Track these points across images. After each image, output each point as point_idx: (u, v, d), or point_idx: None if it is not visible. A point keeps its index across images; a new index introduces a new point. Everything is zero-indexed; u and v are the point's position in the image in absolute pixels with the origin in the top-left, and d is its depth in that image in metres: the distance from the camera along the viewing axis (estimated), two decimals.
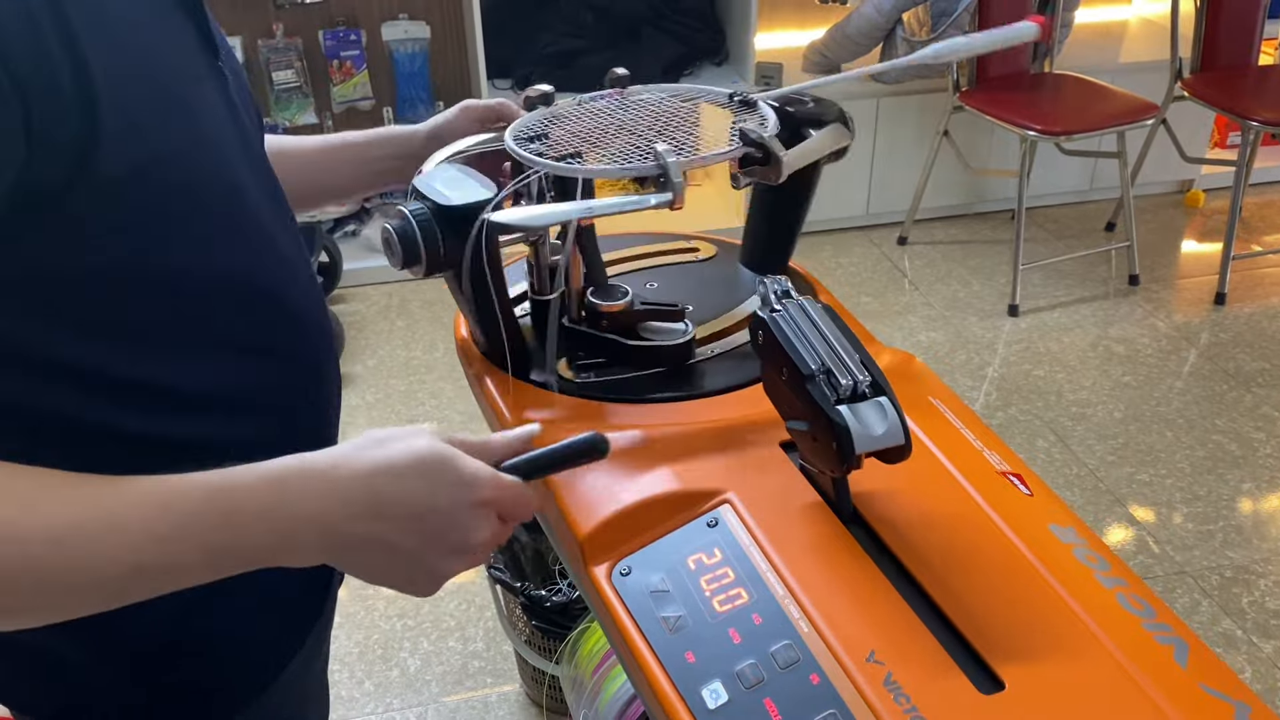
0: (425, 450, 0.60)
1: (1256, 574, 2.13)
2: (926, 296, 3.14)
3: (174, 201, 0.60)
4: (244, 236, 0.68)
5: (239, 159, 0.67)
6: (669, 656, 0.72)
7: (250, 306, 0.69)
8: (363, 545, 0.59)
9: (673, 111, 0.99)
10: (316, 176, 0.92)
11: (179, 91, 0.62)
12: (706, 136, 0.93)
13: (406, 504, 0.59)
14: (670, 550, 0.79)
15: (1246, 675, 1.91)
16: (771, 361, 0.81)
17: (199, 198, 0.62)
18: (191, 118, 0.62)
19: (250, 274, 0.69)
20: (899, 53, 3.12)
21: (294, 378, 0.74)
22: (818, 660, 0.69)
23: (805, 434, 0.78)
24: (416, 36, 3.21)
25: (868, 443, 0.73)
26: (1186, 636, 0.71)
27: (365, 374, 2.77)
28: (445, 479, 0.60)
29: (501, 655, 1.97)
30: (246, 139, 0.70)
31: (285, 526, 0.56)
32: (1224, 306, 3.07)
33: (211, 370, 0.68)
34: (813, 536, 0.78)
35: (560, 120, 0.98)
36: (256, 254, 0.70)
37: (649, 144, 0.89)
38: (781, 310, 0.82)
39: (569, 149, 0.91)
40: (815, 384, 0.75)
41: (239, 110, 0.70)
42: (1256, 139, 2.97)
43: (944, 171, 3.35)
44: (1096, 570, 0.76)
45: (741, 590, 0.74)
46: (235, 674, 0.79)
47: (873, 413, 0.74)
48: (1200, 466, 2.43)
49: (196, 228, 0.63)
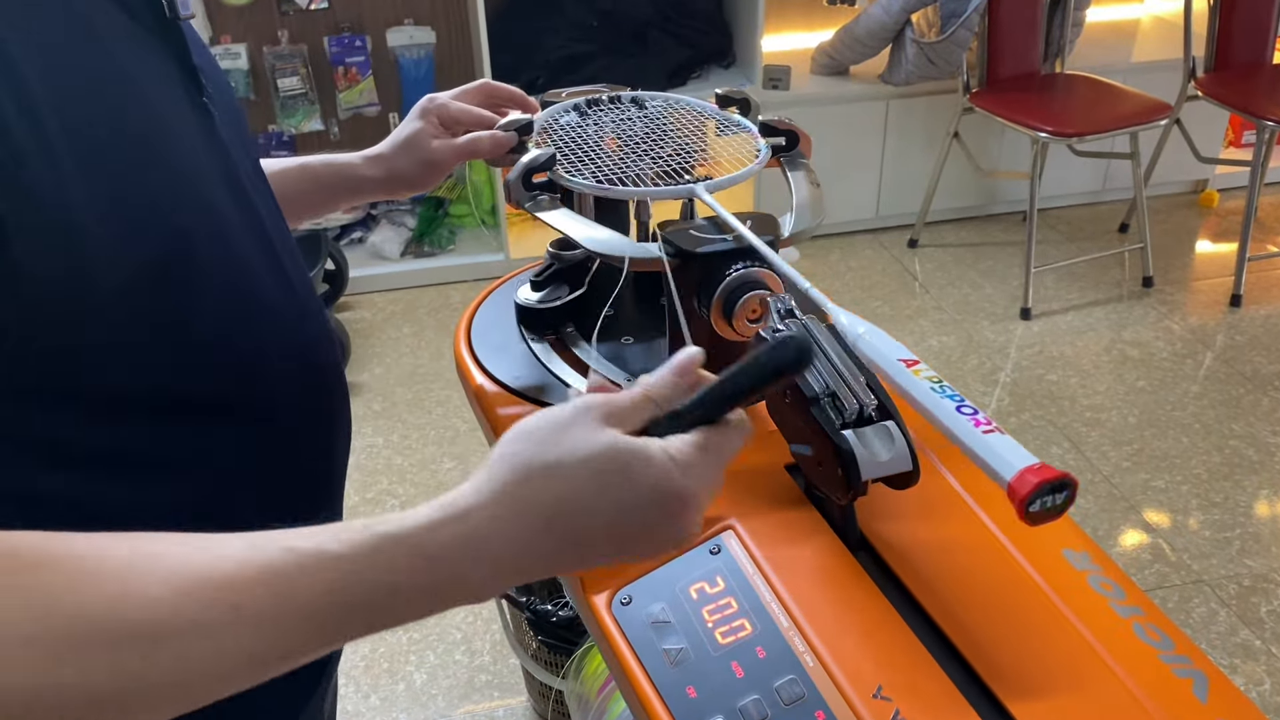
0: (608, 451, 0.50)
1: (1275, 582, 2.09)
2: (937, 300, 3.11)
3: (138, 247, 0.55)
4: (229, 285, 0.63)
5: (222, 200, 0.63)
6: (670, 691, 0.69)
7: (227, 368, 0.64)
8: (556, 557, 0.51)
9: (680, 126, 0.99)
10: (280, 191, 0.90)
11: (146, 133, 0.56)
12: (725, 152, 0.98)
13: (613, 512, 0.51)
14: (672, 578, 0.77)
15: (1266, 687, 1.88)
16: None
17: (168, 244, 0.57)
18: (161, 161, 0.57)
19: (233, 331, 0.64)
20: (908, 54, 3.09)
21: (279, 442, 0.69)
22: (823, 696, 0.66)
23: (810, 459, 0.76)
24: (422, 42, 3.19)
25: (874, 469, 0.71)
26: (1207, 669, 0.69)
27: (372, 382, 2.75)
28: (651, 477, 0.51)
29: (508, 669, 1.95)
30: (232, 178, 0.65)
31: (456, 590, 0.50)
32: (1240, 308, 3.03)
33: (185, 431, 0.62)
34: (818, 564, 0.76)
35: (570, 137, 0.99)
36: (243, 305, 0.64)
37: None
38: (784, 330, 0.79)
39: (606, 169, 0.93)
40: (820, 407, 0.73)
41: (228, 149, 0.65)
42: (1271, 138, 2.93)
43: (954, 173, 3.32)
44: (1112, 599, 0.73)
45: (745, 621, 0.72)
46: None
47: (879, 438, 0.72)
48: (1217, 472, 2.40)
49: (162, 277, 0.57)
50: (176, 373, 0.60)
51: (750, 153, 0.97)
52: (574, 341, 1.04)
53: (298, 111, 3.15)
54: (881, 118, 3.25)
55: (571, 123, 1.01)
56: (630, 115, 1.04)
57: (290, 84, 3.12)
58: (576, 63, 3.08)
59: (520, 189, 0.89)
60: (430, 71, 3.23)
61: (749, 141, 1.00)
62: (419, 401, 2.68)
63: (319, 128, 3.20)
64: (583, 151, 0.96)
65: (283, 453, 0.70)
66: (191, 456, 0.61)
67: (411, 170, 0.95)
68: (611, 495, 0.51)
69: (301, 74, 3.12)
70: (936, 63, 3.06)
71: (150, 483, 0.59)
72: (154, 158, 0.57)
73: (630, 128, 1.01)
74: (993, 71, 3.11)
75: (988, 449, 0.60)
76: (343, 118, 3.22)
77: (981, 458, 0.60)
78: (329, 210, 0.98)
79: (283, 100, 3.13)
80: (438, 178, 0.96)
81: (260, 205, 0.69)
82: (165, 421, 0.60)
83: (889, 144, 3.30)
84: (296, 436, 0.71)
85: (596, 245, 0.86)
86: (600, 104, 1.04)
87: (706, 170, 0.96)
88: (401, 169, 0.95)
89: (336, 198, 0.97)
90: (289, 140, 3.21)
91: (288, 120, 3.15)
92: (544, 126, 1.00)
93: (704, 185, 0.90)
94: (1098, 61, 3.32)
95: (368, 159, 0.96)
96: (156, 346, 0.57)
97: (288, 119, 3.15)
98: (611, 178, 0.91)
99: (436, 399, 2.69)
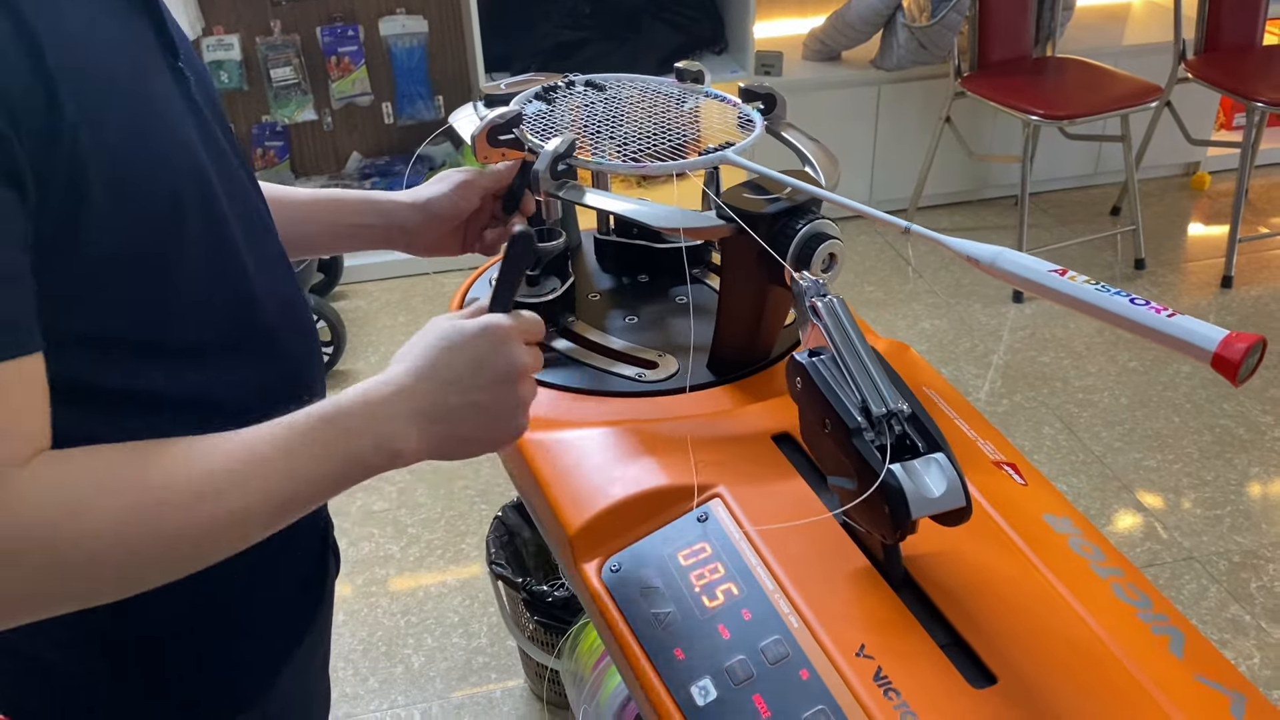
0: (444, 329, 0.71)
1: (1265, 559, 2.11)
2: (930, 284, 3.12)
3: (144, 192, 0.61)
4: (216, 237, 0.67)
5: (204, 161, 0.67)
6: (659, 654, 0.71)
7: (219, 306, 0.69)
8: (454, 411, 0.69)
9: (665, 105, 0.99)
10: (295, 226, 0.91)
11: (139, 88, 0.61)
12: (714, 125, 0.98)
13: (460, 365, 0.69)
14: (660, 546, 0.78)
15: (1255, 661, 1.90)
16: (812, 411, 0.74)
17: (168, 187, 0.63)
18: (154, 112, 0.62)
19: (225, 280, 0.69)
20: (899, 39, 3.10)
21: (266, 378, 0.74)
22: (807, 655, 0.68)
23: (851, 493, 0.70)
24: (414, 31, 3.19)
25: (924, 506, 0.66)
26: (1183, 627, 0.70)
27: (367, 370, 2.76)
28: (468, 333, 0.70)
29: (505, 651, 1.96)
30: (210, 138, 0.69)
31: (388, 428, 0.66)
32: (1231, 289, 3.05)
33: (192, 371, 0.67)
34: (803, 530, 0.77)
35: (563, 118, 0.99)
36: (231, 257, 0.69)
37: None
38: (820, 359, 0.74)
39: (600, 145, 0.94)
40: (863, 439, 0.68)
41: (201, 110, 0.69)
42: (1262, 120, 2.94)
43: (946, 158, 3.33)
44: (1092, 560, 0.75)
45: (731, 585, 0.74)
46: (235, 674, 0.79)
47: (929, 471, 0.67)
48: (1208, 451, 2.41)
49: (168, 222, 0.63)
50: (171, 320, 0.65)
51: (736, 119, 0.98)
52: (571, 326, 1.05)
53: (291, 102, 3.16)
54: (873, 103, 3.26)
55: (540, 111, 1.01)
56: (593, 99, 1.04)
57: (283, 74, 3.12)
58: (568, 50, 3.09)
59: (549, 178, 0.89)
60: (423, 61, 3.23)
61: (729, 110, 1.01)
62: None
63: (312, 118, 3.20)
64: (589, 133, 0.96)
65: (275, 387, 0.74)
66: (194, 396, 0.68)
67: (443, 196, 0.97)
68: (461, 342, 0.71)
69: (294, 64, 3.12)
70: (928, 47, 3.07)
71: (159, 420, 0.63)
72: (151, 115, 0.62)
73: (616, 109, 1.02)
74: (984, 55, 3.12)
75: (1180, 329, 0.61)
76: (336, 107, 3.23)
77: (1177, 338, 0.61)
78: (348, 238, 1.00)
79: (276, 91, 3.13)
80: (465, 208, 0.98)
81: (236, 167, 0.73)
82: (165, 364, 0.66)
83: (881, 129, 3.31)
84: (289, 371, 0.77)
85: (650, 218, 0.86)
86: (558, 90, 1.05)
87: (701, 141, 0.97)
88: (432, 192, 0.97)
89: (361, 241, 0.99)
90: (282, 130, 3.22)
91: (281, 110, 3.16)
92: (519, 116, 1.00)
93: (733, 150, 0.91)
94: (1089, 44, 3.33)
95: (402, 196, 0.99)
96: (150, 297, 0.63)
97: (281, 109, 3.15)
98: (637, 155, 0.91)
99: None
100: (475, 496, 2.33)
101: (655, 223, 0.86)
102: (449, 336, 0.70)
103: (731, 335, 0.95)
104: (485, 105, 1.01)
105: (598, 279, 1.14)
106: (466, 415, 0.70)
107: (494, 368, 0.70)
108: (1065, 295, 0.65)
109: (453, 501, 2.32)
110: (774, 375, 0.97)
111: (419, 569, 2.16)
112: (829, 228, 0.84)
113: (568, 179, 0.91)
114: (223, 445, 0.61)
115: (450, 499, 2.32)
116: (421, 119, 3.29)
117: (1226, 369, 0.58)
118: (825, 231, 0.83)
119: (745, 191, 0.87)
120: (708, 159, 0.91)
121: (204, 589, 0.64)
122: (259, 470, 0.61)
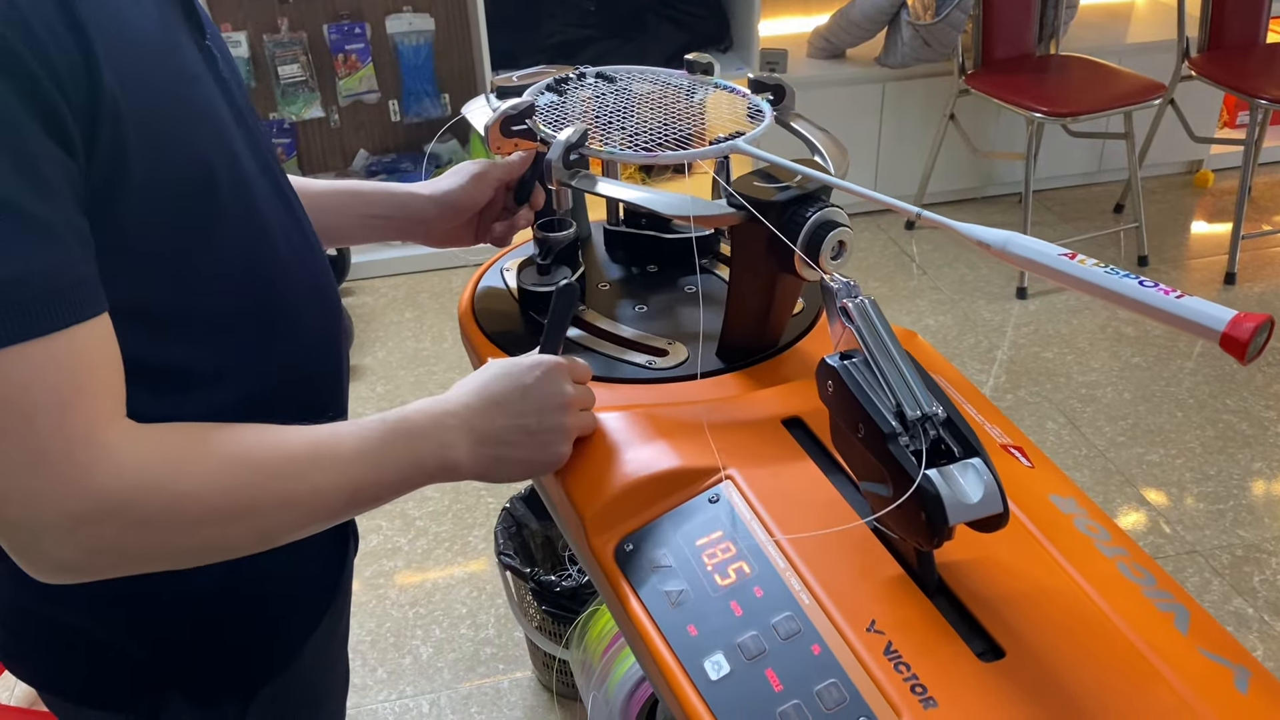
0: (501, 363, 0.80)
1: (1267, 552, 2.12)
2: (934, 280, 3.13)
3: (179, 158, 0.62)
4: (245, 210, 0.69)
5: (234, 134, 0.68)
6: (671, 630, 0.72)
7: (244, 279, 0.70)
8: (500, 432, 0.76)
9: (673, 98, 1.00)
10: (313, 215, 0.93)
11: (172, 59, 0.63)
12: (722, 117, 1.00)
13: (509, 389, 0.78)
14: (672, 526, 0.80)
15: (1259, 653, 1.91)
16: (844, 416, 0.73)
17: (203, 159, 0.65)
18: (186, 80, 0.64)
19: (252, 254, 0.70)
20: (903, 37, 3.11)
21: (289, 356, 0.75)
22: (819, 631, 0.69)
23: (885, 499, 0.69)
24: (421, 29, 3.21)
25: (961, 512, 0.65)
26: (1187, 603, 0.71)
27: (375, 365, 2.78)
28: (520, 367, 0.79)
29: (513, 641, 1.98)
30: (238, 113, 0.71)
31: (448, 437, 0.73)
32: (1234, 286, 3.06)
33: (214, 346, 0.69)
34: (812, 508, 0.78)
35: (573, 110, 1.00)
36: (259, 231, 0.71)
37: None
38: (852, 362, 0.73)
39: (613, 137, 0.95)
40: (898, 444, 0.67)
41: (230, 86, 0.71)
42: (1265, 118, 2.95)
43: (951, 155, 3.34)
44: (1097, 539, 0.76)
45: (743, 564, 0.75)
46: (262, 646, 0.81)
47: (966, 477, 0.66)
48: (1211, 446, 2.42)
49: (201, 189, 0.65)
50: (197, 293, 0.67)
51: (745, 110, 1.00)
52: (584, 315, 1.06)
53: (298, 99, 3.17)
54: (878, 100, 3.27)
55: (552, 102, 1.02)
56: (604, 91, 1.05)
57: (290, 71, 3.14)
58: (574, 47, 3.10)
59: (562, 167, 0.90)
60: (429, 58, 3.25)
61: (739, 101, 1.02)
62: (421, 384, 2.71)
63: (319, 115, 3.22)
64: (600, 124, 0.98)
65: (296, 365, 0.76)
66: (216, 369, 0.70)
67: (459, 188, 1.00)
68: (513, 372, 0.80)
69: (301, 61, 3.14)
70: (932, 45, 3.08)
71: (176, 396, 0.66)
72: (183, 84, 0.64)
73: (627, 101, 1.04)
74: (988, 53, 3.13)
75: (1189, 310, 0.62)
76: (343, 105, 3.24)
77: (1186, 319, 0.61)
78: (369, 229, 1.03)
79: (283, 88, 3.15)
80: (480, 200, 1.01)
81: (261, 143, 0.75)
82: (188, 339, 0.67)
83: (885, 126, 3.32)
84: (313, 348, 0.79)
85: (662, 206, 0.87)
86: (569, 81, 1.06)
87: (711, 132, 0.98)
88: (449, 184, 1.01)
89: (380, 231, 1.02)
90: (290, 127, 3.24)
91: (288, 108, 3.17)
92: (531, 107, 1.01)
93: (743, 139, 0.92)
94: (1092, 42, 3.34)
95: (420, 188, 1.02)
96: (179, 269, 0.65)
97: (288, 106, 3.17)
98: (649, 145, 0.93)
99: (439, 381, 2.71)
100: (481, 490, 2.35)
101: (667, 210, 0.87)
102: (504, 367, 0.79)
103: (741, 323, 0.96)
104: (498, 97, 1.03)
105: (607, 269, 1.15)
106: (511, 436, 0.77)
107: (540, 395, 0.78)
108: (1075, 278, 0.66)
109: (459, 495, 2.33)
110: (782, 362, 0.98)
111: (426, 561, 2.17)
112: (839, 215, 0.85)
113: (580, 168, 0.93)
114: (296, 433, 0.66)
115: (457, 492, 2.34)
116: (428, 116, 3.31)
117: (1235, 348, 0.59)
118: (835, 219, 0.85)
119: (755, 180, 0.88)
120: (719, 148, 0.92)
121: (236, 560, 0.66)
122: (336, 456, 0.67)
